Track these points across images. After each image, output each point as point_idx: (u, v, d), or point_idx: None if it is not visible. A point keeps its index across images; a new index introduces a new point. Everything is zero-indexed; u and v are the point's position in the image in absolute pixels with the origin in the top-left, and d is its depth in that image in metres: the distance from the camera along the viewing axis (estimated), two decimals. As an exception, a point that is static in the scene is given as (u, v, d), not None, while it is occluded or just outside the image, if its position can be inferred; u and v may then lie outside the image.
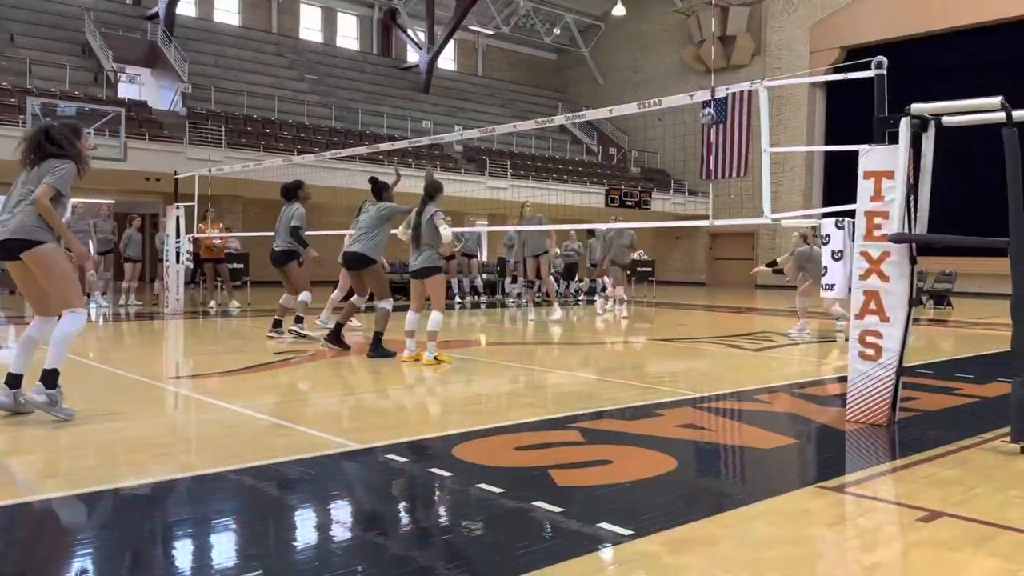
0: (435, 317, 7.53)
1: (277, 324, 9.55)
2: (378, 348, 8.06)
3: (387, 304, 8.36)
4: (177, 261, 13.30)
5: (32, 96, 17.12)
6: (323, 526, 3.28)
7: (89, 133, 5.70)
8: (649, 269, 20.84)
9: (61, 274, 4.70)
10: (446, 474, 3.86)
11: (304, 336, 9.33)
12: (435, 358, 7.44)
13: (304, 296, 9.58)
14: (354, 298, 8.78)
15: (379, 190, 8.58)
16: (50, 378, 4.62)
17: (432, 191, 7.66)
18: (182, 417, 5.53)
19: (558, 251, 18.87)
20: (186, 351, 9.28)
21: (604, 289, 19.83)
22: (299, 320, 9.51)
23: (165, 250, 13.52)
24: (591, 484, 3.71)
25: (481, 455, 4.26)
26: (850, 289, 5.18)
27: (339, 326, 8.56)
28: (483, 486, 3.62)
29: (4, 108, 17.81)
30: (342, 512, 3.46)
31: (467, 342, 9.60)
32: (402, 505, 3.56)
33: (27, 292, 4.93)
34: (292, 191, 9.63)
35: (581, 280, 20.23)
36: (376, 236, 8.36)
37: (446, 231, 7.46)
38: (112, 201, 16.73)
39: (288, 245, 9.47)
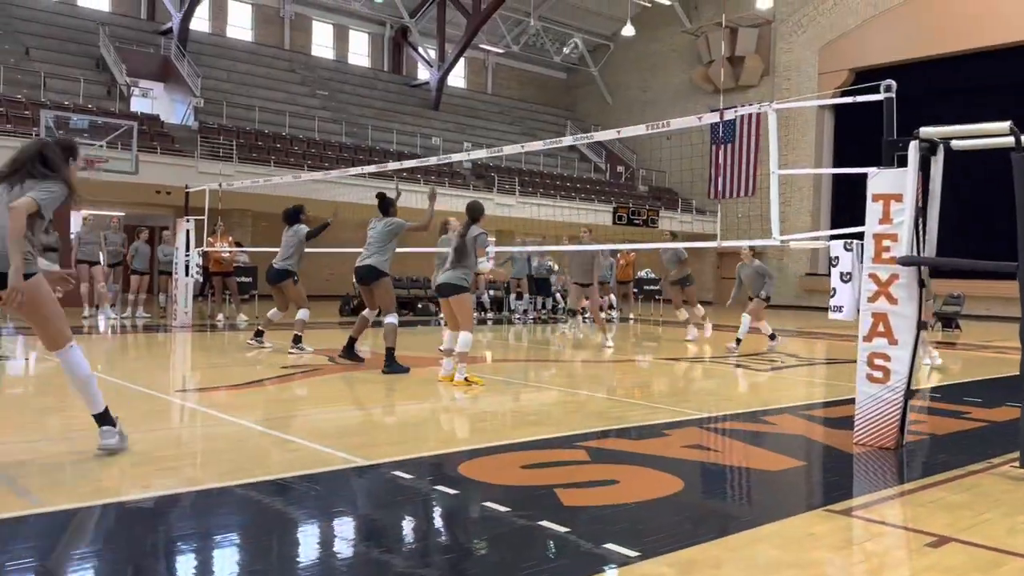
0: (464, 338, 7.37)
1: (259, 334, 10.07)
2: (392, 363, 8.05)
3: (393, 318, 8.36)
4: (186, 274, 13.35)
5: (46, 109, 17.28)
6: (328, 542, 3.27)
7: (102, 146, 5.50)
8: (656, 287, 20.82)
9: (48, 308, 4.18)
10: (452, 491, 3.86)
11: (301, 352, 9.43)
12: (466, 379, 7.28)
13: (302, 313, 9.76)
14: (365, 312, 8.77)
15: (386, 205, 8.63)
16: (107, 417, 4.32)
17: (476, 213, 7.58)
18: (188, 430, 5.54)
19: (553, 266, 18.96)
20: (193, 364, 9.30)
21: (611, 307, 19.86)
22: (297, 340, 9.60)
23: (175, 263, 13.58)
24: (597, 504, 3.70)
25: (487, 473, 4.26)
26: (858, 311, 5.17)
27: (352, 340, 8.60)
28: (489, 504, 3.61)
29: (18, 121, 17.97)
30: (347, 528, 3.45)
31: (473, 358, 9.58)
32: (407, 522, 3.55)
33: None
34: (293, 215, 9.95)
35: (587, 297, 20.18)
36: (386, 250, 8.41)
37: (484, 264, 7.47)
38: (122, 213, 16.85)
39: (286, 264, 9.74)
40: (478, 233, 7.47)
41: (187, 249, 13.35)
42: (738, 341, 11.02)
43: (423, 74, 32.49)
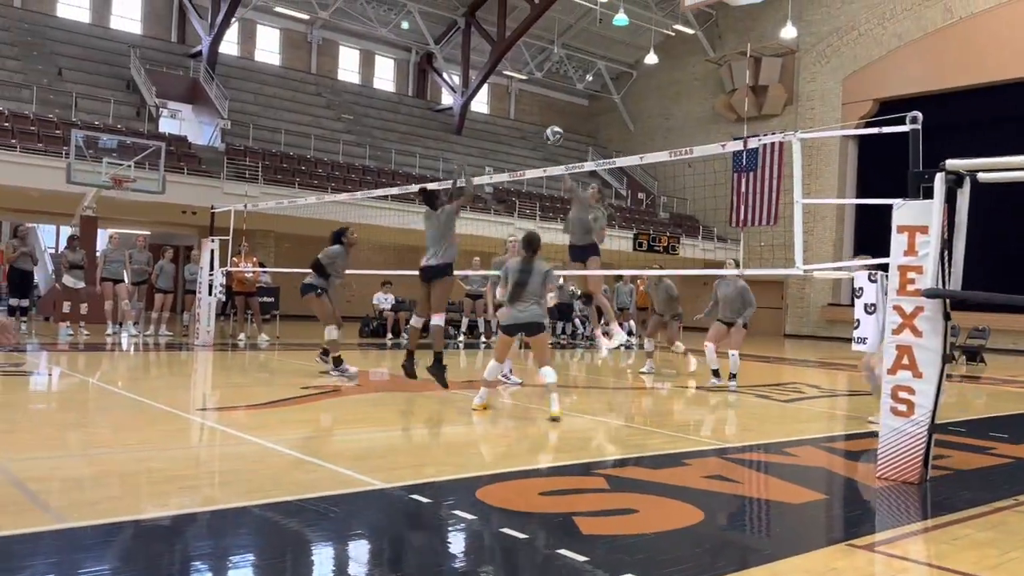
0: (550, 372, 7.09)
1: (325, 352, 9.77)
2: (439, 366, 7.91)
3: (439, 320, 8.10)
4: (209, 293, 13.48)
5: (76, 128, 17.60)
6: (342, 565, 3.27)
7: (130, 165, 5.45)
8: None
9: None
10: (469, 517, 3.84)
11: (325, 372, 9.32)
12: (558, 411, 6.88)
13: (328, 331, 9.50)
14: (413, 320, 8.44)
15: (431, 196, 8.26)
16: None
17: (538, 245, 7.29)
18: (207, 450, 5.56)
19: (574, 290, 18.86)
20: (214, 383, 9.35)
21: (631, 333, 19.79)
22: (324, 353, 9.54)
23: (199, 282, 13.71)
24: (616, 533, 3.66)
25: (505, 499, 4.23)
26: (882, 343, 5.12)
27: (411, 353, 8.27)
28: (507, 531, 3.59)
29: (50, 140, 18.32)
30: (362, 552, 3.44)
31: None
32: (424, 547, 3.53)
33: None
34: (335, 236, 9.84)
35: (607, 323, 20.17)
36: (452, 243, 8.04)
37: (551, 299, 7.34)
38: (148, 232, 17.09)
39: (310, 279, 9.64)
40: (549, 268, 7.29)
41: (211, 268, 13.49)
42: (733, 376, 9.83)
43: (447, 99, 32.83)
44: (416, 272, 8.32)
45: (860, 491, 4.86)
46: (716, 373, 9.95)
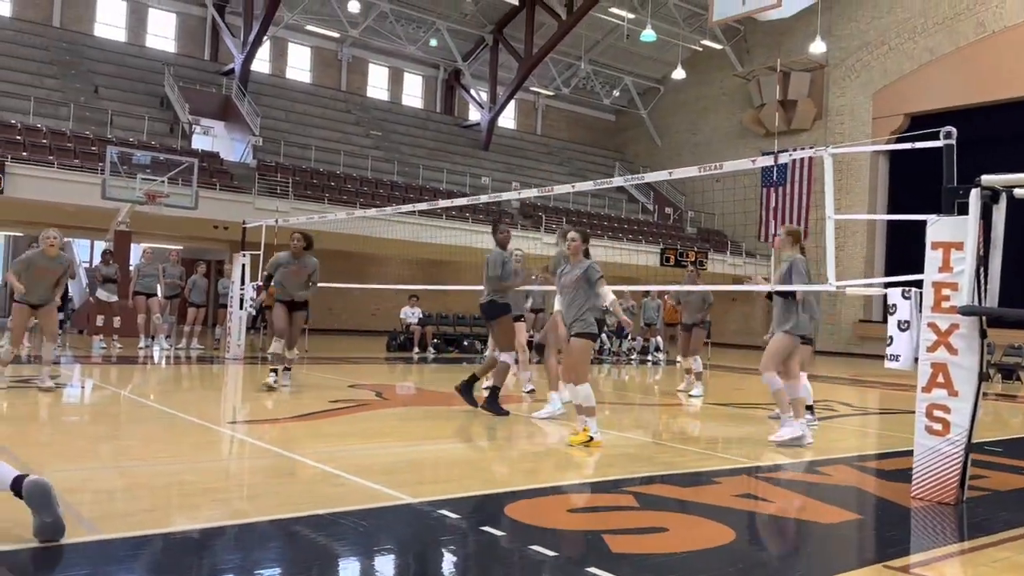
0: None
1: (286, 368, 9.86)
2: (495, 403, 7.82)
3: (508, 358, 7.98)
4: (240, 308, 13.61)
5: (111, 145, 17.94)
6: (373, 581, 3.27)
7: (164, 181, 5.59)
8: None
9: None
10: (498, 533, 3.82)
11: (269, 387, 9.18)
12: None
13: (274, 344, 9.55)
14: (489, 350, 8.37)
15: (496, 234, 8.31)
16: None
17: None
18: (237, 463, 5.60)
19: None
20: (244, 396, 9.43)
21: (658, 349, 19.69)
22: (274, 371, 9.59)
23: (230, 296, 13.86)
24: (646, 552, 3.63)
25: (534, 515, 4.21)
26: (916, 360, 5.04)
27: (473, 377, 8.20)
28: (536, 547, 3.57)
29: (86, 156, 18.69)
30: (391, 566, 3.44)
31: (519, 398, 9.56)
32: (453, 563, 3.52)
33: None
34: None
35: (634, 339, 20.14)
36: (496, 283, 7.97)
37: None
38: (181, 247, 17.32)
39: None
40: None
41: (242, 283, 13.63)
42: (811, 409, 8.13)
43: (474, 115, 33.03)
44: (442, 287, 8.36)
45: (894, 511, 4.77)
46: (812, 410, 8.27)
